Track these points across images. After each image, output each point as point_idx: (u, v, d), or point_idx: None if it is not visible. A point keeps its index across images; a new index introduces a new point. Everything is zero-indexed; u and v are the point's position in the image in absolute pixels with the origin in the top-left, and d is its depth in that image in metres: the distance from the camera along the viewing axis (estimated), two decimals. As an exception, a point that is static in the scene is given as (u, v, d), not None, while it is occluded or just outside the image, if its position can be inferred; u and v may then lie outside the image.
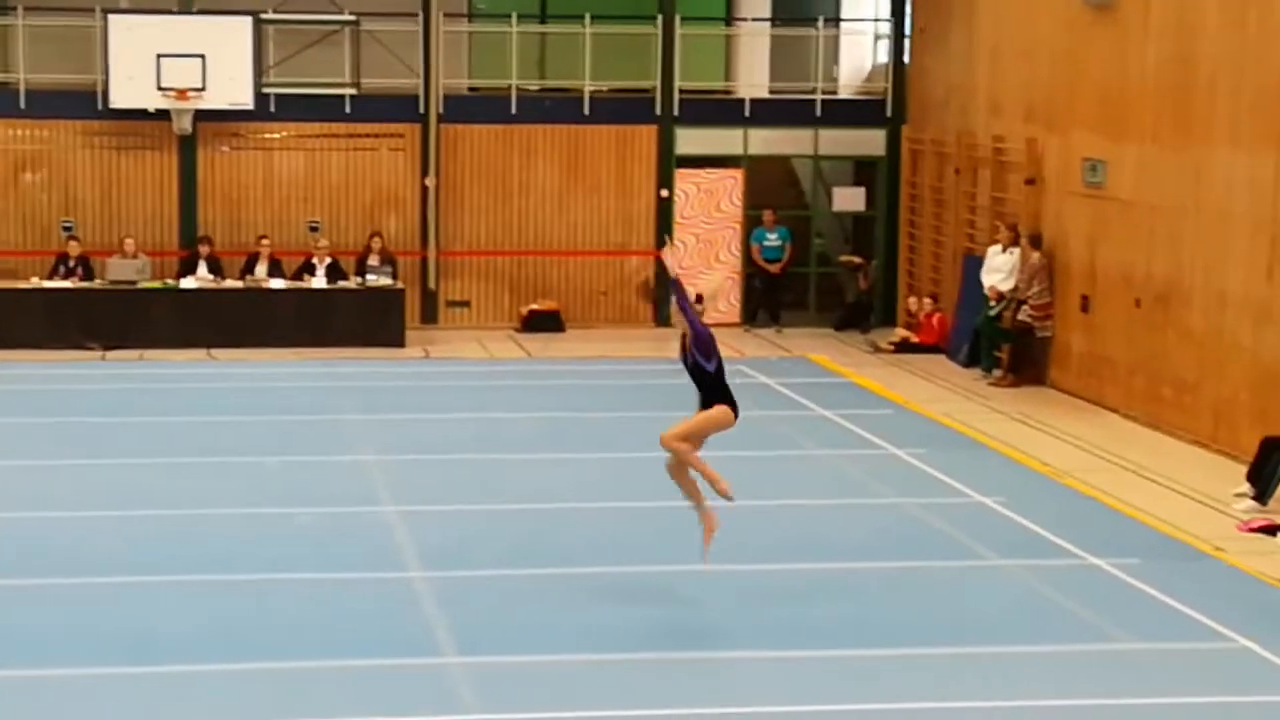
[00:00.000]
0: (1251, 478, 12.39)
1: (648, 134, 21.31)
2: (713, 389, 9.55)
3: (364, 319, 19.35)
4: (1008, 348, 17.77)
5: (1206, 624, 9.45)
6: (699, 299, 9.90)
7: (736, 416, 9.57)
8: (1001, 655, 8.98)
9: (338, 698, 8.25)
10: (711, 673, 8.74)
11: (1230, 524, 11.84)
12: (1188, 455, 14.17)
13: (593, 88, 21.30)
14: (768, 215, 21.18)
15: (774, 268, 21.15)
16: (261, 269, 19.77)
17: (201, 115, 20.07)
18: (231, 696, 8.23)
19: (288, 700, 8.23)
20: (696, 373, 9.60)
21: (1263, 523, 11.75)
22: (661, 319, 21.48)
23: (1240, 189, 13.89)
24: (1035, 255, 17.17)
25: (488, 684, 8.45)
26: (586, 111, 21.21)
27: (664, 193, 21.37)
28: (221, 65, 19.74)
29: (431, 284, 20.97)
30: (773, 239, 21.17)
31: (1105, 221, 16.19)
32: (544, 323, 20.87)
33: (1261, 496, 12.22)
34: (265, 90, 20.41)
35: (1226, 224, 14.11)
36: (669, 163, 21.36)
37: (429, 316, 20.99)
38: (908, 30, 21.55)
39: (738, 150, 21.64)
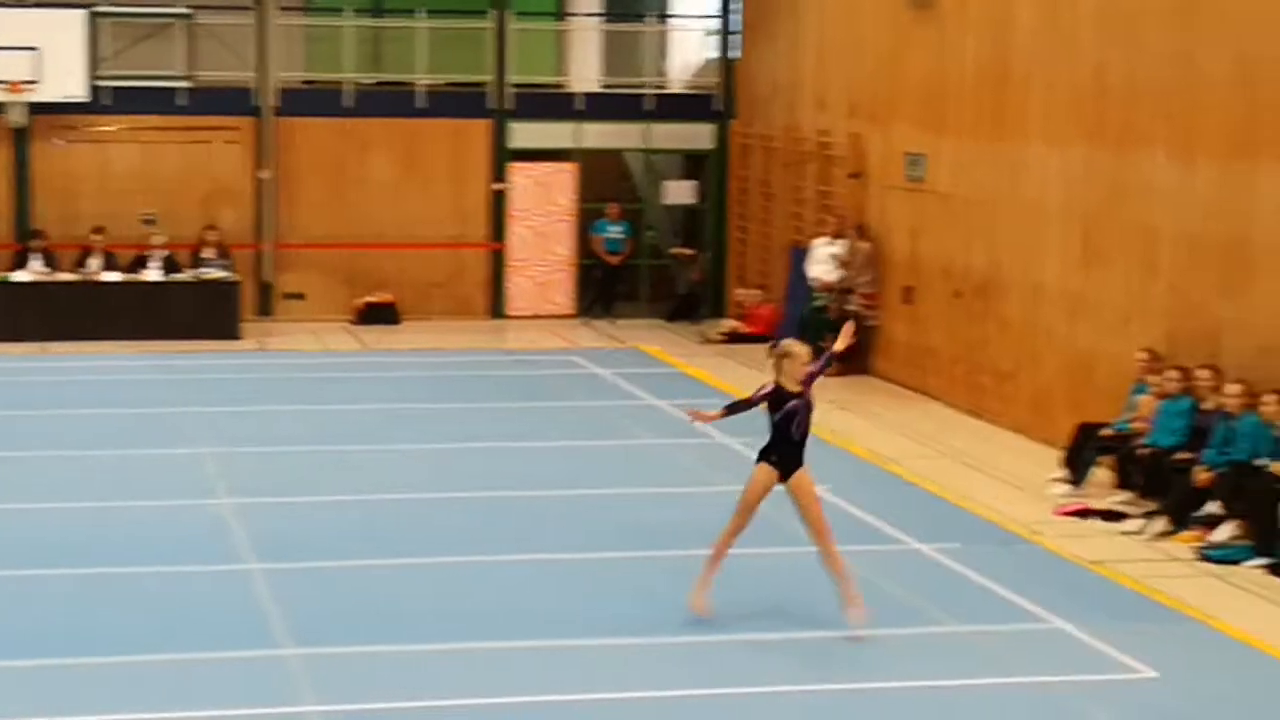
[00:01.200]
0: (1067, 463, 12.60)
1: (482, 128, 21.23)
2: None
3: (199, 312, 19.18)
4: (833, 338, 17.87)
5: (1024, 606, 9.59)
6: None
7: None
8: (827, 640, 9.01)
9: (174, 691, 8.13)
10: (562, 658, 8.71)
11: (1046, 508, 12.04)
12: (1006, 442, 14.41)
13: (427, 81, 21.19)
14: (612, 208, 21.26)
15: (614, 259, 21.21)
16: (95, 262, 19.41)
17: (35, 108, 19.69)
18: (63, 693, 8.06)
19: (123, 695, 8.06)
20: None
21: (1077, 507, 11.94)
22: (496, 311, 21.53)
23: (1054, 183, 14.15)
24: (864, 245, 17.37)
25: (325, 675, 8.37)
26: (421, 105, 21.09)
27: (498, 186, 21.31)
28: (55, 58, 19.44)
29: (267, 277, 20.75)
30: (615, 231, 21.24)
31: (926, 214, 16.44)
32: (379, 315, 20.71)
33: (1076, 481, 12.42)
34: (99, 83, 20.05)
35: (1041, 217, 14.37)
36: (503, 156, 21.31)
37: (264, 309, 20.75)
38: (736, 27, 21.68)
39: (571, 144, 21.62)
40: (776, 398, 9.13)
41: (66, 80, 19.51)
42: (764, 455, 9.10)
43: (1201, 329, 12.22)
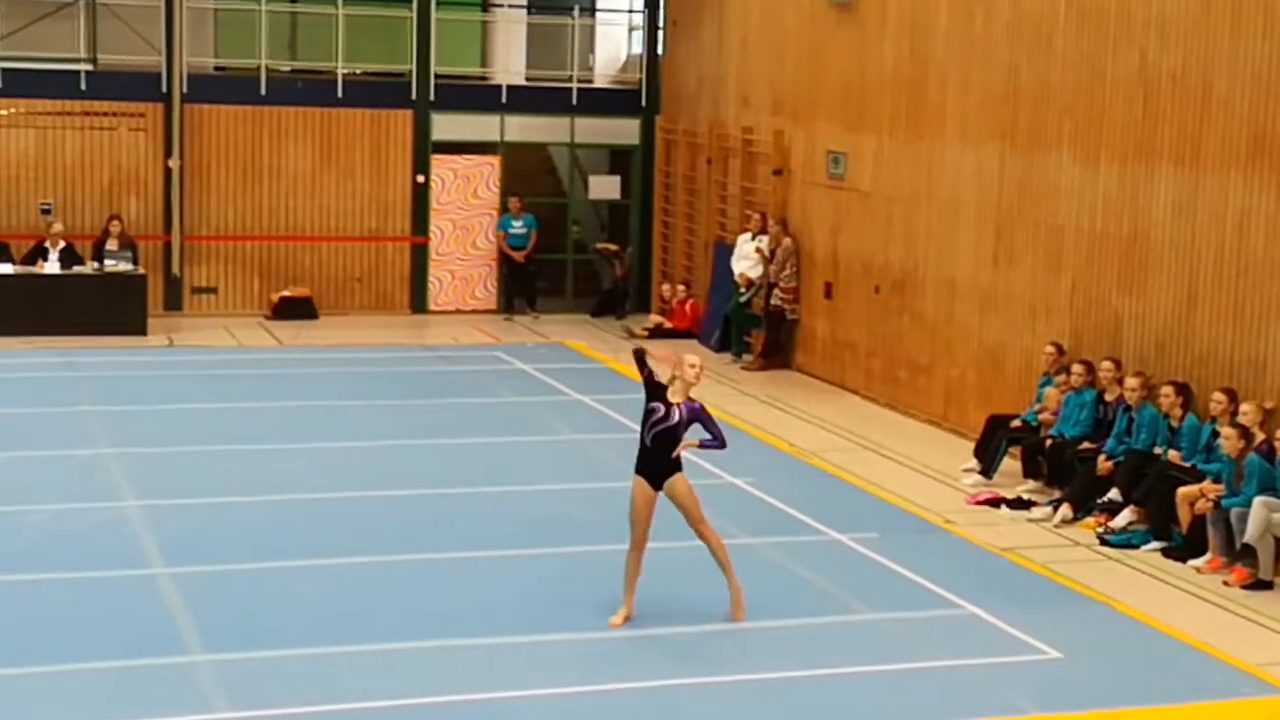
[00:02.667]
0: (978, 454, 13.43)
1: (403, 118, 21.35)
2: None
3: (102, 306, 18.85)
4: (758, 333, 18.69)
5: (938, 593, 10.16)
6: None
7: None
8: (750, 630, 9.38)
9: (82, 701, 8.06)
10: (466, 659, 8.82)
11: (959, 498, 12.77)
12: (922, 433, 15.07)
13: (346, 70, 21.24)
14: (514, 203, 21.46)
15: (518, 255, 21.44)
16: None
17: None
18: None
19: (27, 708, 7.97)
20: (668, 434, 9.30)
21: (988, 496, 12.75)
22: (417, 306, 21.81)
23: (968, 182, 14.91)
24: (786, 240, 18.02)
25: (236, 681, 8.39)
26: (340, 94, 21.15)
27: (420, 178, 21.49)
28: None
29: (176, 269, 20.66)
30: (518, 226, 21.47)
31: (846, 211, 17.11)
32: (296, 309, 20.76)
33: (987, 471, 13.25)
34: None
35: (956, 215, 15.13)
36: (425, 148, 21.44)
37: (173, 303, 20.64)
38: (661, 22, 22.16)
39: (495, 137, 21.87)
40: (654, 396, 9.22)
41: None
42: (638, 468, 9.32)
43: (1103, 323, 13.09)
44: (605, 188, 22.88)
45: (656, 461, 9.31)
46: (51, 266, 19.05)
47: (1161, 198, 12.49)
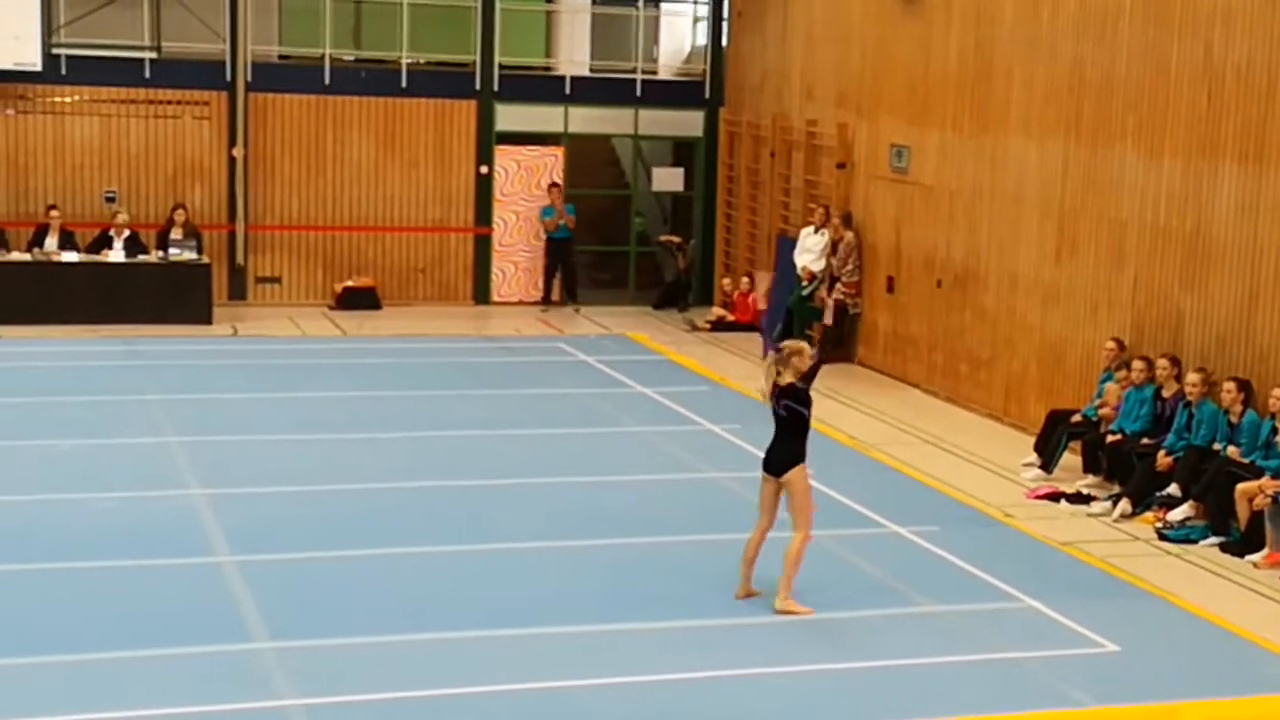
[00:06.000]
0: (1038, 448, 13.57)
1: (467, 109, 21.53)
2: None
3: (167, 295, 19.02)
4: (819, 326, 18.89)
5: (998, 586, 10.29)
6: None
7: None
8: (813, 621, 9.54)
9: (147, 688, 8.14)
10: (528, 648, 8.94)
11: (1019, 492, 12.88)
12: (982, 428, 15.20)
13: (410, 60, 21.43)
14: (553, 192, 21.64)
15: (552, 225, 21.54)
16: (52, 241, 19.25)
17: None
18: (32, 692, 8.03)
19: (92, 693, 8.07)
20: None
21: (1048, 490, 12.88)
22: (480, 297, 22.12)
23: (1031, 176, 15.03)
24: (848, 235, 18.20)
25: (301, 668, 8.47)
26: (404, 84, 21.32)
27: (483, 169, 21.71)
28: (5, 22, 19.19)
29: (240, 259, 20.87)
30: (557, 214, 21.62)
31: (909, 205, 17.25)
32: (359, 300, 20.94)
33: (1047, 466, 13.40)
34: (55, 51, 20.02)
35: (1019, 209, 15.25)
36: (489, 139, 21.63)
37: (237, 293, 20.86)
38: (726, 14, 22.30)
39: (558, 128, 22.05)
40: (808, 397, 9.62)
41: (18, 47, 19.16)
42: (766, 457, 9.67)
43: (1165, 319, 13.22)
44: (668, 180, 23.08)
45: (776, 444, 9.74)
46: (116, 255, 19.28)
47: (1225, 193, 12.59)
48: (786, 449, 9.63)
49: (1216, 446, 12.06)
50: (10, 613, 9.25)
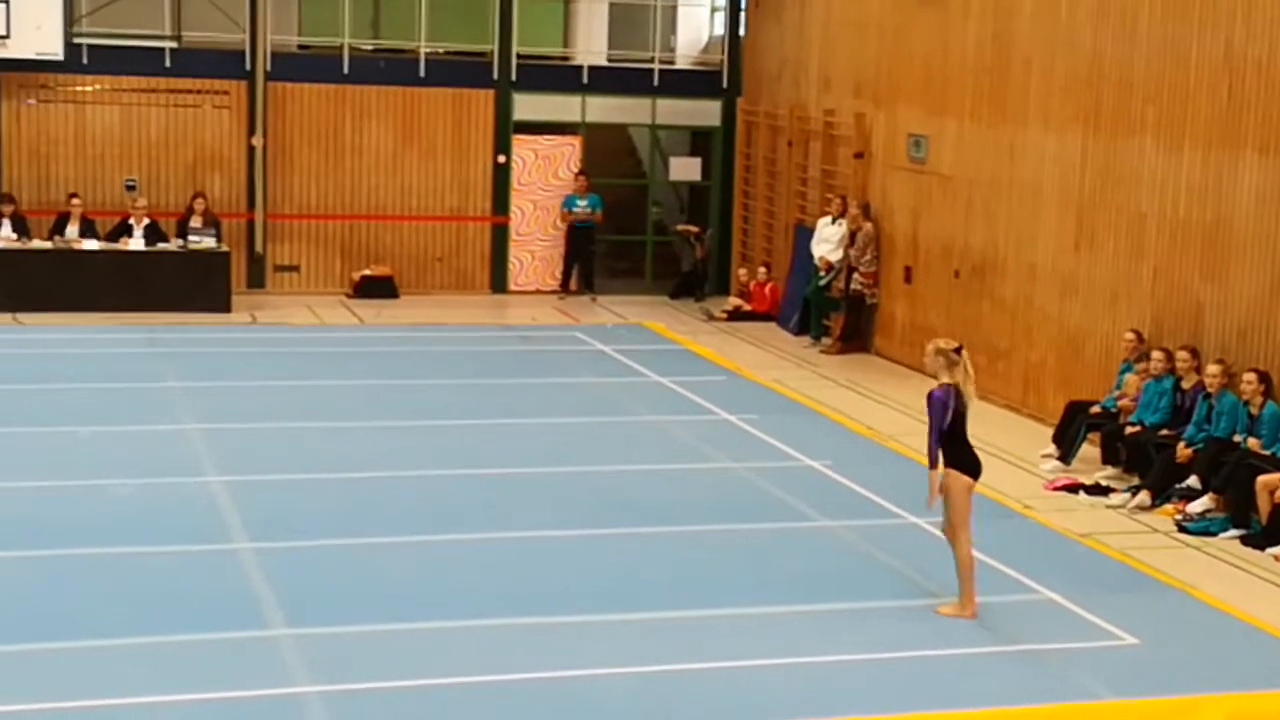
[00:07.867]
0: (1057, 440, 13.55)
1: (484, 98, 21.57)
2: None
3: (186, 283, 19.08)
4: (837, 316, 18.90)
5: (1016, 577, 10.24)
6: None
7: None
8: (832, 612, 9.52)
9: (163, 674, 8.16)
10: (545, 637, 8.91)
11: (1038, 483, 12.85)
12: (1000, 418, 15.12)
13: (428, 50, 21.47)
14: (580, 181, 21.70)
15: (578, 215, 21.59)
16: (73, 229, 19.26)
17: (5, 65, 19.58)
18: (50, 678, 8.03)
19: (109, 678, 8.07)
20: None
21: (1066, 482, 12.86)
22: (497, 286, 22.15)
23: (1050, 167, 14.99)
24: (867, 225, 18.19)
25: (318, 656, 8.48)
26: (422, 74, 21.37)
27: (501, 158, 21.75)
28: (27, 12, 19.19)
29: (259, 247, 20.93)
30: (582, 206, 21.67)
31: (927, 195, 17.23)
32: (377, 288, 20.98)
33: (1066, 457, 13.37)
34: (77, 40, 20.10)
35: (1037, 200, 15.23)
36: (506, 128, 21.67)
37: (256, 281, 20.94)
38: (743, 3, 22.29)
39: (576, 117, 22.10)
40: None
41: (39, 37, 19.16)
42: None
43: (1184, 310, 13.18)
44: (686, 169, 23.06)
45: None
46: (136, 243, 19.30)
47: (1245, 185, 12.55)
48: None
49: (1237, 438, 12.02)
50: (28, 598, 9.28)
